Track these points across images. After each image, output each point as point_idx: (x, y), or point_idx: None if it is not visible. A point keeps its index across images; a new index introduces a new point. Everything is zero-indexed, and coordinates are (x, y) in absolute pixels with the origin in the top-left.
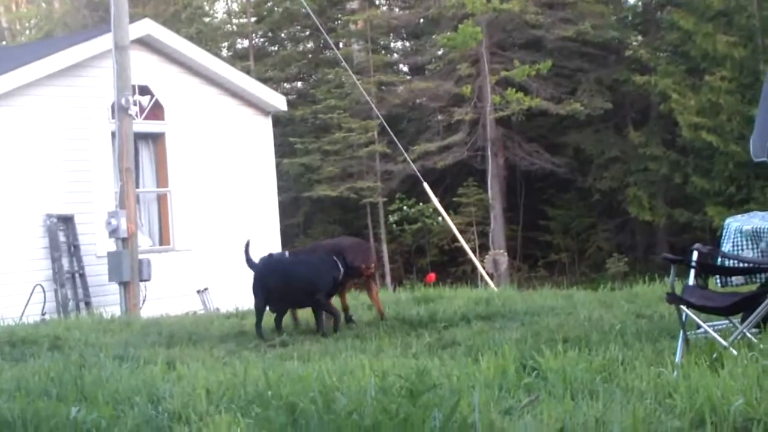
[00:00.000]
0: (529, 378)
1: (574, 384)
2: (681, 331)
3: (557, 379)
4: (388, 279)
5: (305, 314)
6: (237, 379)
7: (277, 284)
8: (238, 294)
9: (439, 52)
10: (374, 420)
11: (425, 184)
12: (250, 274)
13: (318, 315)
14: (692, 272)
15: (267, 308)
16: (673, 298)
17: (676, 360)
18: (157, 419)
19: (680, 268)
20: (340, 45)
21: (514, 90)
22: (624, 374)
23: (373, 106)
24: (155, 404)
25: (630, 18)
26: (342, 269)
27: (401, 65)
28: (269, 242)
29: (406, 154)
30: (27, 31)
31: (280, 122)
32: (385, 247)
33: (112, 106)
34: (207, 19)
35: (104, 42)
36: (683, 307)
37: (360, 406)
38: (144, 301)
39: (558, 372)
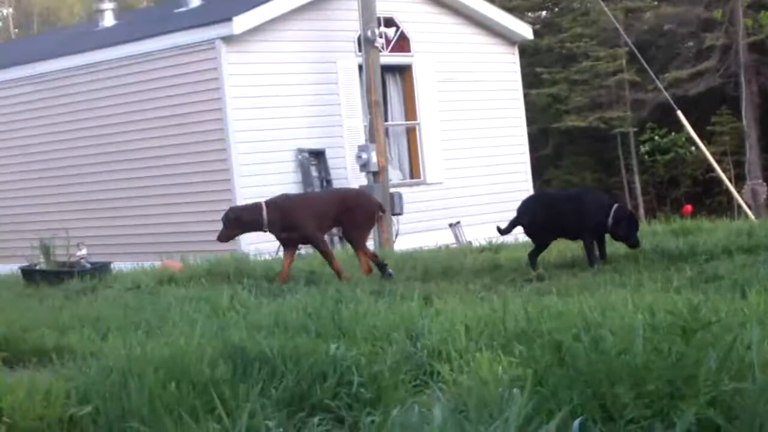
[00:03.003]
0: None
1: None
2: None
3: None
4: (642, 211)
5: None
6: (496, 314)
7: (550, 218)
8: (489, 227)
9: None
10: (645, 360)
11: (678, 112)
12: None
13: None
14: None
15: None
16: None
17: None
18: (415, 356)
19: None
20: None
21: (767, 13)
22: None
23: (621, 32)
24: (413, 340)
25: None
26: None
27: None
28: (519, 175)
29: (658, 82)
30: None
31: (525, 52)
32: (637, 179)
33: (358, 39)
34: None
35: None
36: None
37: (629, 345)
38: (397, 235)
39: None
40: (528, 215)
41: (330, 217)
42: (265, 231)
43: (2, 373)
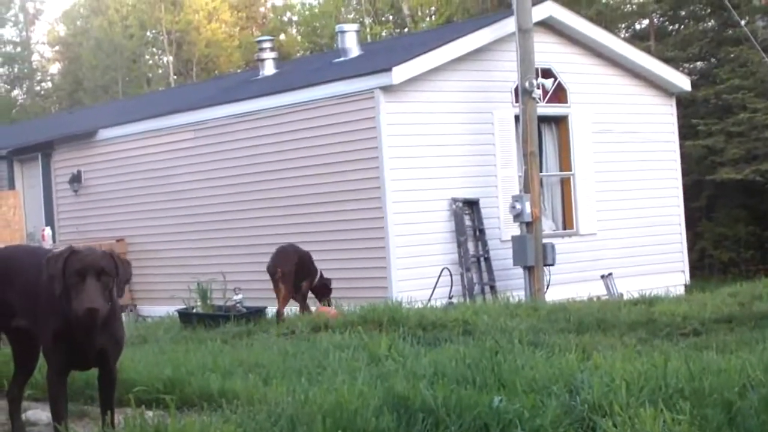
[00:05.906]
0: None
1: None
2: None
3: None
4: None
5: None
6: (657, 370)
7: None
8: (642, 279)
9: None
10: None
11: None
12: (656, 259)
13: None
14: None
15: None
16: None
17: None
18: (576, 410)
19: None
20: (742, 22)
21: None
22: None
23: None
24: (573, 394)
25: None
26: None
27: None
28: (672, 227)
29: None
30: (428, 18)
31: (680, 103)
32: None
33: (515, 90)
34: (605, 0)
35: (506, 25)
36: None
37: None
38: (548, 285)
39: None
40: None
41: None
42: None
43: (174, 417)
